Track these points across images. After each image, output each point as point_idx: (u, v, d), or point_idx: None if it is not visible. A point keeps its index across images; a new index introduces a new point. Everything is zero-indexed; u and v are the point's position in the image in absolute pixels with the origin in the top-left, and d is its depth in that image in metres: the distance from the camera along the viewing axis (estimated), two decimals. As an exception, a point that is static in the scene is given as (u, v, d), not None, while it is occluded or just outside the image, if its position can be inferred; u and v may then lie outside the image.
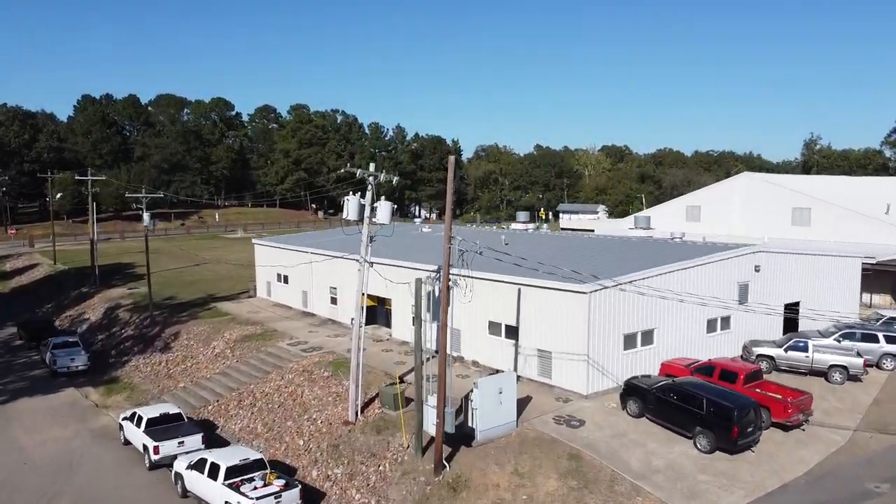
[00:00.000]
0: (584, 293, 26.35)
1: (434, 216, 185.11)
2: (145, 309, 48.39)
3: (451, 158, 21.11)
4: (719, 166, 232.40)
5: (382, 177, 26.44)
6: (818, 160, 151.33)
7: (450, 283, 21.93)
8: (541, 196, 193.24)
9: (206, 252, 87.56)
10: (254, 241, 53.28)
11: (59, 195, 79.26)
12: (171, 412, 27.53)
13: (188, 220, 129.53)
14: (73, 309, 55.18)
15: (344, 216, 26.07)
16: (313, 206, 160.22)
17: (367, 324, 40.79)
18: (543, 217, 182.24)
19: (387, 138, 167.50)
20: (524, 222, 51.55)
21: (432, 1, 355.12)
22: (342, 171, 26.52)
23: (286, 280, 48.22)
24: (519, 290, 29.27)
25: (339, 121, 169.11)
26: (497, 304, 30.57)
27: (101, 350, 44.67)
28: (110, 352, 43.76)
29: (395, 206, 24.57)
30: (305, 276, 45.58)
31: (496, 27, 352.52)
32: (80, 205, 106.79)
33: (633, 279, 28.01)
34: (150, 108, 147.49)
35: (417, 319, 23.04)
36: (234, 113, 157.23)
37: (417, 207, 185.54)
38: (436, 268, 34.16)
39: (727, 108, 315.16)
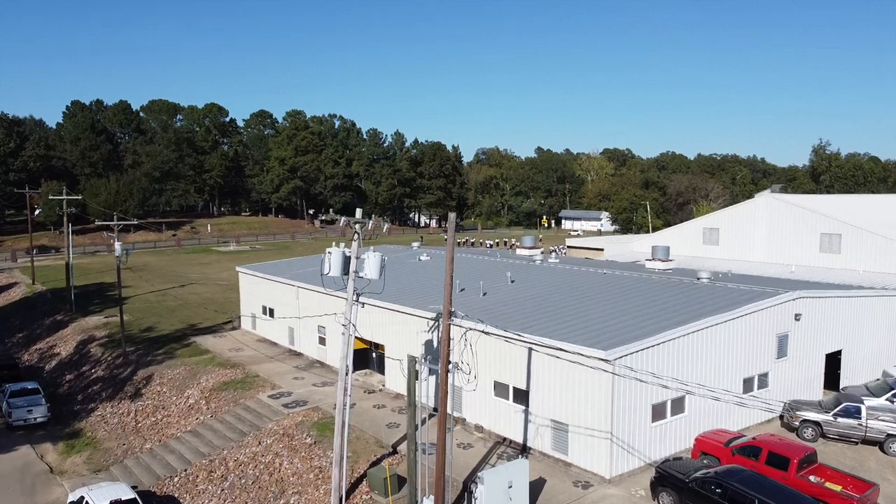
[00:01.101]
0: (607, 361, 22.46)
1: (434, 223, 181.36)
2: (120, 344, 44.50)
3: (452, 216, 17.23)
4: (724, 171, 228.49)
5: (371, 224, 22.56)
6: (826, 167, 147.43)
7: (452, 368, 18.04)
8: (542, 202, 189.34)
9: (195, 268, 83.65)
10: (238, 269, 49.43)
11: (37, 211, 75.19)
12: (123, 498, 23.61)
13: (180, 231, 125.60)
14: (45, 341, 51.25)
15: (324, 272, 22.20)
16: (311, 211, 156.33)
17: (356, 369, 36.99)
18: (546, 225, 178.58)
19: (385, 144, 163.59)
20: (530, 248, 47.51)
21: (432, 3, 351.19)
22: (323, 217, 22.70)
23: (271, 314, 44.34)
24: (530, 349, 25.37)
25: (336, 126, 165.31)
26: (504, 362, 26.68)
27: (67, 393, 40.79)
28: (76, 396, 39.86)
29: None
30: (292, 311, 41.71)
31: (496, 28, 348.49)
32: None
33: (662, 340, 24.14)
34: (141, 114, 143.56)
35: (410, 408, 19.16)
36: (228, 119, 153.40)
37: (417, 214, 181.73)
38: (434, 315, 30.42)
39: (730, 110, 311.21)
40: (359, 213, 22.78)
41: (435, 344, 30.28)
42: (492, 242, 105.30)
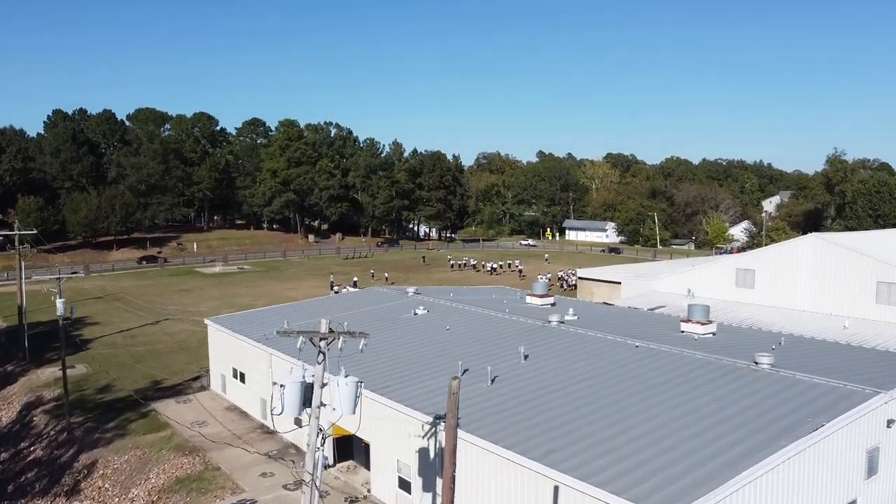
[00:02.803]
0: (666, 531, 16.31)
1: (434, 232, 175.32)
2: (72, 407, 38.25)
3: (454, 386, 11.07)
4: (731, 178, 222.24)
5: (341, 342, 16.39)
6: (843, 177, 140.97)
7: None
8: (546, 210, 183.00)
9: (174, 297, 77.49)
10: (207, 321, 43.18)
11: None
12: None
13: (165, 247, 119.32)
14: (-12, 400, 45.08)
15: (271, 410, 16.08)
16: (308, 219, 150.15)
17: (340, 460, 31.05)
18: (549, 236, 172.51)
19: (383, 155, 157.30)
20: (542, 295, 41.52)
21: (432, 3, 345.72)
22: (278, 331, 16.75)
23: (242, 379, 38.20)
24: (556, 488, 19.23)
25: (332, 134, 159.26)
26: (518, 496, 20.55)
27: (-2, 480, 34.64)
28: (7, 486, 33.64)
29: (360, 380, 14.71)
30: (265, 378, 35.46)
31: (497, 30, 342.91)
32: (45, 230, 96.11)
33: (735, 487, 17.96)
34: (127, 124, 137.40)
35: None
36: (218, 128, 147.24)
37: (417, 224, 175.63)
38: (431, 419, 24.31)
39: (733, 113, 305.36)
40: (324, 324, 16.63)
41: (431, 456, 24.14)
42: (494, 265, 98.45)
